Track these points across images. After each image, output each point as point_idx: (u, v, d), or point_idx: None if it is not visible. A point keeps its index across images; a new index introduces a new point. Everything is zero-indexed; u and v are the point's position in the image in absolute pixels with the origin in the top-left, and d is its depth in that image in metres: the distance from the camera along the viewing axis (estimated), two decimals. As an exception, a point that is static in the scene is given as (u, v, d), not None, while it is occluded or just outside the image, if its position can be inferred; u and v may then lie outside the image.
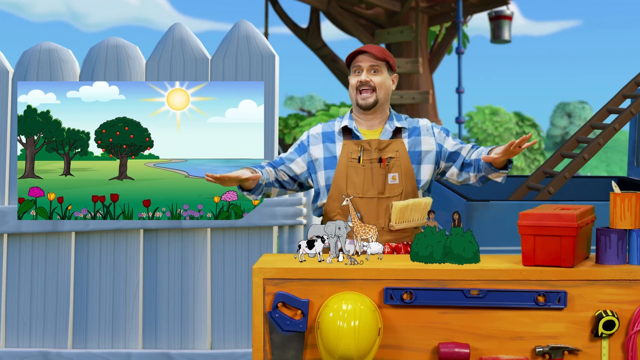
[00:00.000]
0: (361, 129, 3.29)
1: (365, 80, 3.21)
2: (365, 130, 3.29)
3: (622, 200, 2.63)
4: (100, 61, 4.30)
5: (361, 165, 3.21)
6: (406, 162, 3.23)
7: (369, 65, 3.21)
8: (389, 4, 15.31)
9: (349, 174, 3.22)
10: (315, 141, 3.32)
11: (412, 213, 3.18)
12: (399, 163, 3.22)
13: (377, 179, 3.20)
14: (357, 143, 3.24)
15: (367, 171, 3.21)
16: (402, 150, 3.24)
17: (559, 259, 2.62)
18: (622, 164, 46.43)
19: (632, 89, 5.40)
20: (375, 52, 3.21)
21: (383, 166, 3.21)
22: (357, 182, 3.21)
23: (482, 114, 32.31)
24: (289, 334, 2.62)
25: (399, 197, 3.20)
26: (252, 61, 4.28)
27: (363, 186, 3.20)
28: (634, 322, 2.60)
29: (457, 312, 2.63)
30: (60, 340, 4.32)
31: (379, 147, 3.23)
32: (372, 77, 3.22)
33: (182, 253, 4.30)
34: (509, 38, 16.70)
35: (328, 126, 3.34)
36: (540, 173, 5.22)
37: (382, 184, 3.20)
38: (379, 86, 3.22)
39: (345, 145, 3.25)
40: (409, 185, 3.23)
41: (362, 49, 3.23)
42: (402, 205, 3.14)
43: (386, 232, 3.19)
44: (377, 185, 3.21)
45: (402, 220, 3.17)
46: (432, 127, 3.34)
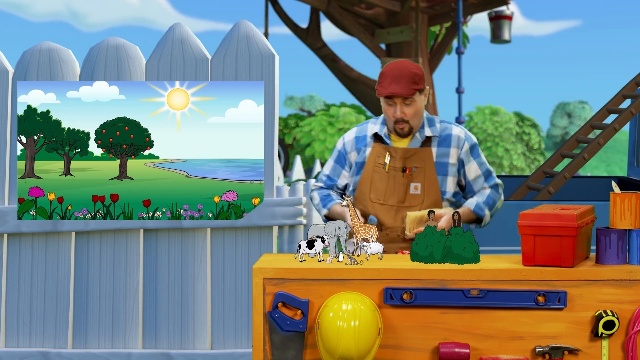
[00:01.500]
0: (392, 135, 3.29)
1: (400, 116, 3.19)
2: (396, 137, 3.29)
3: (622, 200, 2.63)
4: (100, 61, 4.30)
5: (386, 171, 3.22)
6: (431, 172, 3.23)
7: (401, 100, 3.19)
8: (389, 4, 15.31)
9: (374, 179, 3.24)
10: (350, 148, 3.35)
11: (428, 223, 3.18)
12: (424, 173, 3.22)
13: (399, 187, 3.22)
14: (385, 148, 3.26)
15: (391, 178, 3.22)
16: (428, 160, 3.23)
17: (559, 259, 2.62)
18: (622, 164, 46.43)
19: (632, 89, 5.40)
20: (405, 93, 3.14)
21: (406, 176, 3.21)
22: (380, 188, 3.23)
23: (482, 114, 32.32)
24: (289, 334, 2.62)
25: (419, 208, 3.20)
26: (252, 61, 4.28)
27: (385, 193, 3.22)
28: (634, 322, 2.60)
29: (457, 312, 2.63)
30: (60, 340, 4.32)
31: (404, 156, 3.23)
32: (406, 109, 3.19)
33: (182, 253, 4.30)
34: (509, 38, 16.69)
35: (360, 130, 3.36)
36: (540, 173, 5.22)
37: (403, 193, 3.22)
38: (412, 116, 3.21)
39: (374, 149, 3.27)
40: (432, 196, 3.22)
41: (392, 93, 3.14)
42: (416, 216, 3.16)
43: (400, 240, 3.23)
44: (398, 194, 3.22)
45: (416, 230, 3.17)
46: (464, 142, 3.30)
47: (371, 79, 16.49)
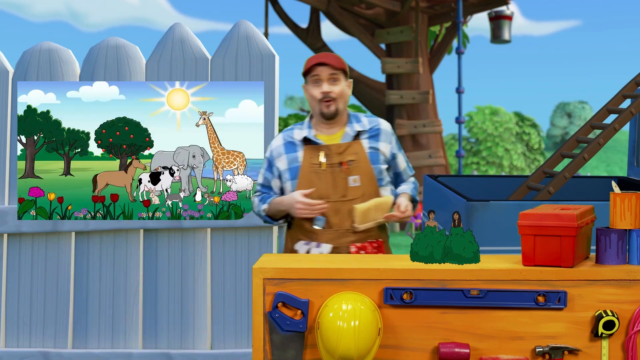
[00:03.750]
0: (321, 136, 3.36)
1: (327, 91, 3.28)
2: (325, 136, 3.35)
3: (622, 200, 2.63)
4: (100, 61, 4.30)
5: (322, 169, 3.27)
6: (366, 163, 3.30)
7: (328, 75, 3.28)
8: (389, 4, 15.30)
9: (312, 180, 3.28)
10: (278, 154, 3.38)
11: (375, 213, 3.24)
12: (359, 165, 3.30)
13: (339, 182, 3.28)
14: (317, 148, 3.31)
15: (329, 175, 3.28)
16: (361, 152, 3.32)
17: (559, 259, 2.62)
18: (622, 164, 46.43)
19: (632, 89, 5.40)
20: (333, 63, 3.28)
21: (344, 169, 3.27)
22: (320, 187, 3.28)
23: (482, 114, 32.32)
24: (289, 334, 2.62)
25: (360, 199, 3.27)
26: (252, 61, 4.28)
27: (326, 191, 3.26)
28: (634, 322, 2.60)
29: (457, 312, 2.63)
30: (60, 340, 4.32)
31: (338, 151, 3.30)
32: (332, 87, 3.29)
33: (182, 253, 4.30)
34: (509, 38, 16.69)
35: (288, 135, 3.39)
36: (540, 173, 5.22)
37: (343, 188, 3.28)
38: (339, 96, 3.30)
39: (306, 152, 3.32)
40: (370, 186, 3.30)
41: (320, 60, 3.29)
42: (363, 208, 3.21)
43: (350, 234, 3.27)
44: (339, 189, 3.28)
45: (365, 221, 3.23)
46: (392, 136, 3.43)
47: (371, 79, 16.49)
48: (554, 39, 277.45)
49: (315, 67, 3.29)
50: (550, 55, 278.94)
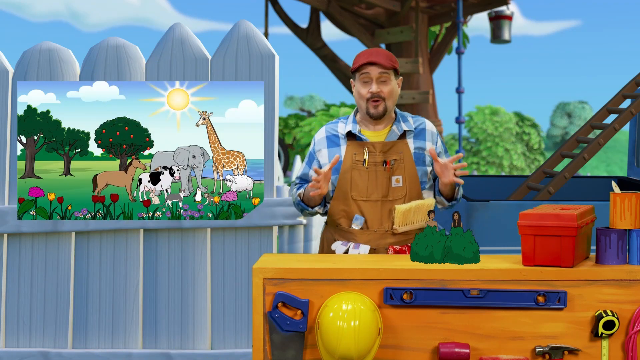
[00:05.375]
0: (366, 132, 3.28)
1: (377, 91, 3.19)
2: (370, 133, 3.28)
3: (622, 200, 2.63)
4: (100, 61, 4.30)
5: (365, 167, 3.20)
6: (410, 164, 3.22)
7: (378, 74, 3.19)
8: (389, 4, 15.30)
9: (353, 177, 3.21)
10: (320, 147, 3.32)
11: (415, 215, 3.18)
12: (403, 165, 3.22)
13: (381, 182, 3.20)
14: (361, 145, 3.23)
15: (371, 174, 3.20)
16: (406, 152, 3.24)
17: (559, 259, 2.62)
18: (622, 164, 46.43)
19: (632, 89, 5.40)
20: (383, 62, 3.18)
21: (387, 169, 3.20)
22: (360, 185, 3.20)
23: (482, 114, 32.31)
24: (289, 334, 2.62)
25: (402, 200, 3.20)
26: (252, 61, 4.28)
27: (367, 189, 3.20)
28: (634, 322, 2.60)
29: (457, 312, 2.63)
30: (60, 340, 4.32)
31: (383, 150, 3.22)
32: (382, 86, 3.20)
33: (182, 253, 4.30)
34: (509, 38, 16.68)
35: (332, 128, 3.32)
36: (540, 173, 5.22)
37: (385, 187, 3.20)
38: (388, 96, 3.21)
39: (350, 147, 3.24)
40: (412, 187, 3.22)
41: (370, 60, 3.18)
42: (404, 209, 3.14)
43: (390, 235, 3.20)
44: (381, 188, 3.20)
45: (405, 223, 3.17)
46: (437, 137, 3.35)
47: (371, 79, 16.45)
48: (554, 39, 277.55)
49: (365, 66, 3.19)
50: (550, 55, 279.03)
